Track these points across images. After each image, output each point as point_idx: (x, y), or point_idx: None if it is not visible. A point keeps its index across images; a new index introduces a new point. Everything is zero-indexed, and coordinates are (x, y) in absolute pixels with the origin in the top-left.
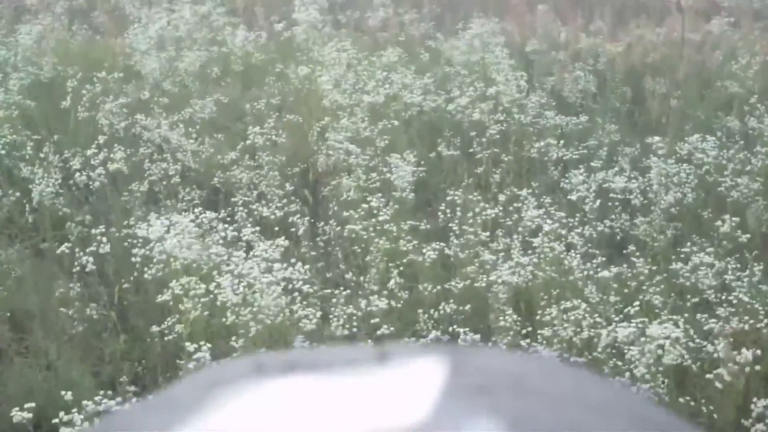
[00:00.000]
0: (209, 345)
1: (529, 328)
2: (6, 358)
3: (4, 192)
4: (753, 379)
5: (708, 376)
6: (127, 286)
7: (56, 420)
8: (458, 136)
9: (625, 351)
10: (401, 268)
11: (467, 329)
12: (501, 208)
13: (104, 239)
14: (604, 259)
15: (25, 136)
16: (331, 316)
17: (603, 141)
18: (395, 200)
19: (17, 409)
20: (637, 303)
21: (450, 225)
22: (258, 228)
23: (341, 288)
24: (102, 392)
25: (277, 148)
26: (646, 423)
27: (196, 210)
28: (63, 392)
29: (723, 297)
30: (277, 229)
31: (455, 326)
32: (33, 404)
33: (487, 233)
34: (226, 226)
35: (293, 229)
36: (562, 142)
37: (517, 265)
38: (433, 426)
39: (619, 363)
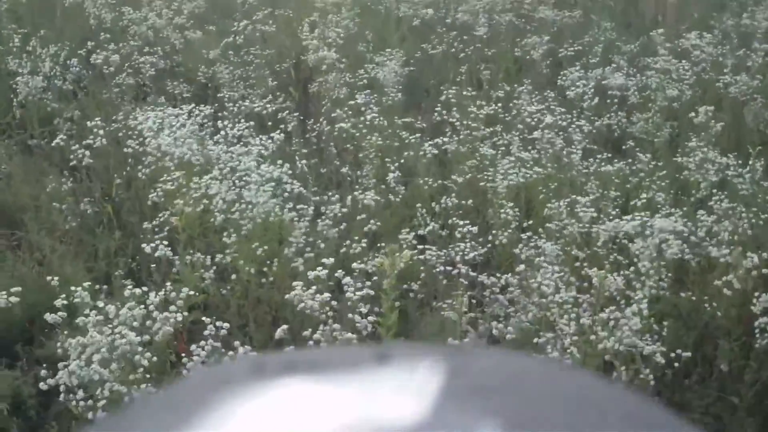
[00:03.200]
0: (204, 238)
1: (530, 222)
2: None
3: None
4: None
5: (717, 282)
6: (120, 182)
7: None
8: (451, 33)
9: (627, 245)
10: (399, 163)
11: (466, 222)
12: (499, 104)
13: (100, 132)
14: (608, 155)
15: (12, 30)
16: (323, 216)
17: (599, 38)
18: (387, 96)
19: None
20: (642, 197)
21: (444, 120)
22: (251, 123)
23: (335, 184)
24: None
25: (266, 44)
26: (645, 422)
27: (187, 104)
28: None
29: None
30: (270, 124)
31: (453, 219)
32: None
33: (485, 128)
34: (219, 121)
35: (282, 126)
36: (552, 39)
37: (517, 160)
38: (432, 426)
39: (620, 258)
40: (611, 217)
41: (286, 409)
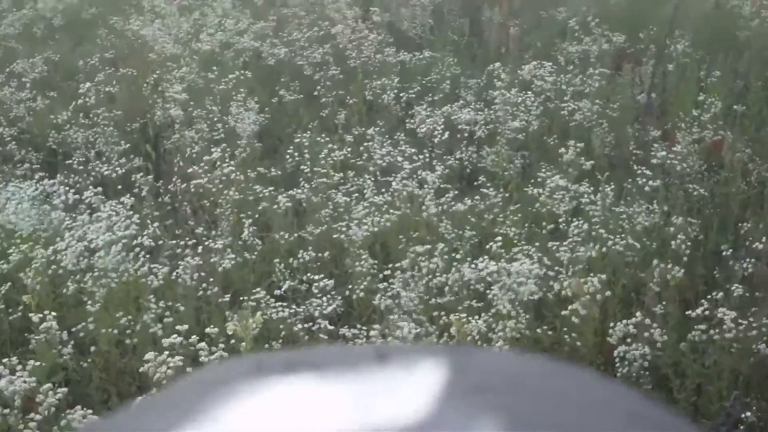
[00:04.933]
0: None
1: (387, 272)
2: None
3: None
4: (609, 303)
5: (564, 312)
6: None
7: None
8: (298, 80)
9: (484, 291)
10: (255, 218)
11: (322, 276)
12: (350, 149)
13: None
14: (456, 192)
15: None
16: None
17: (444, 75)
18: (241, 148)
19: None
20: (497, 235)
21: (300, 169)
22: (99, 189)
23: (192, 243)
24: None
25: (114, 104)
26: (645, 421)
27: (34, 175)
28: None
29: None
30: (120, 187)
31: (309, 274)
32: None
33: (339, 175)
34: (66, 189)
35: (135, 189)
36: (399, 79)
37: (371, 206)
38: (433, 426)
39: (479, 304)
40: (466, 263)
41: (286, 408)
